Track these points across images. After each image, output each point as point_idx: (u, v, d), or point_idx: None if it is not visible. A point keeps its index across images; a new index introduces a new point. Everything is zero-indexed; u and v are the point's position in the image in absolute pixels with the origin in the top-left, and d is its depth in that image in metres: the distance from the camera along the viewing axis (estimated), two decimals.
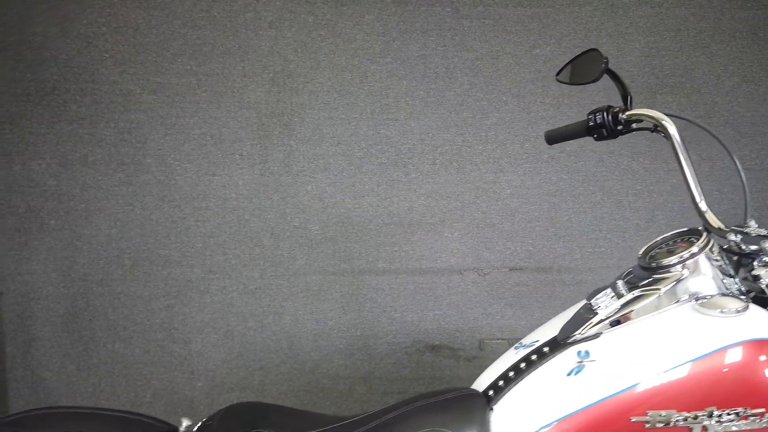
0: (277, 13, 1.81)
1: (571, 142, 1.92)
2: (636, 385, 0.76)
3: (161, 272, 1.83)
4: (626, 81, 0.98)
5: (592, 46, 0.99)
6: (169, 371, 1.86)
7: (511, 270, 1.96)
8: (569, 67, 1.02)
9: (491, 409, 0.83)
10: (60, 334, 1.82)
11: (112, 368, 1.85)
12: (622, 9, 1.91)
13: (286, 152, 1.85)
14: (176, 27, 1.78)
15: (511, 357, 0.88)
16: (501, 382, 0.85)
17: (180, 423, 0.80)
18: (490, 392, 0.85)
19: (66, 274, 1.81)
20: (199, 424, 0.84)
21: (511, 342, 1.99)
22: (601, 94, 1.90)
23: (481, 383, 0.89)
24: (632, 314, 0.81)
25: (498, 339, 1.97)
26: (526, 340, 0.91)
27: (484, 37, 1.88)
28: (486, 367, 0.90)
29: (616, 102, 0.99)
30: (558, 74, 1.05)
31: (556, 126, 1.09)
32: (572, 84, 1.03)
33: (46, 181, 1.77)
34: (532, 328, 1.96)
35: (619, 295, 0.82)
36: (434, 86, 1.88)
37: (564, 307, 1.95)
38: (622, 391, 0.76)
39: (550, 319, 0.97)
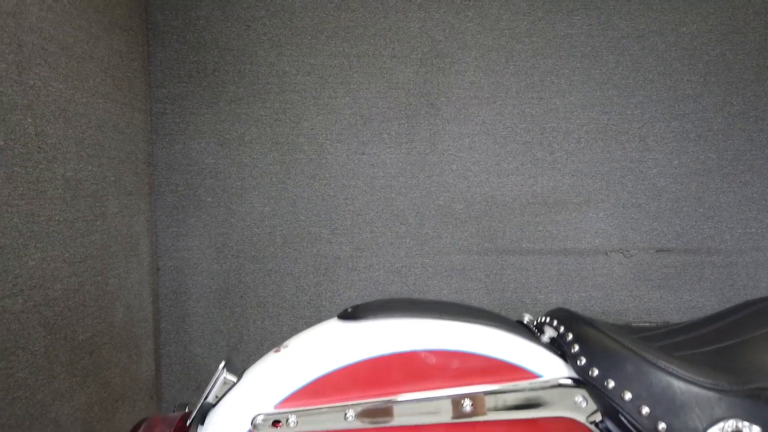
0: None
1: (719, 119, 1.91)
2: None
3: (311, 249, 1.86)
4: None
5: (740, 23, 0.95)
6: None
7: (657, 251, 1.91)
8: None
9: None
10: (212, 311, 1.86)
11: (261, 345, 1.87)
12: None
13: (432, 131, 1.87)
14: (330, 10, 1.83)
15: None
16: None
17: (522, 317, 0.81)
18: None
19: (220, 251, 1.85)
20: (543, 318, 0.85)
21: (660, 326, 1.94)
22: (750, 70, 1.88)
23: None
24: None
25: (645, 322, 1.92)
26: None
27: (629, 16, 1.88)
28: None
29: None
30: None
31: (703, 104, 1.04)
32: None
33: (205, 159, 1.83)
34: (680, 312, 1.92)
35: None
36: (579, 65, 1.88)
37: (714, 291, 1.91)
38: None
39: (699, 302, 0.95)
